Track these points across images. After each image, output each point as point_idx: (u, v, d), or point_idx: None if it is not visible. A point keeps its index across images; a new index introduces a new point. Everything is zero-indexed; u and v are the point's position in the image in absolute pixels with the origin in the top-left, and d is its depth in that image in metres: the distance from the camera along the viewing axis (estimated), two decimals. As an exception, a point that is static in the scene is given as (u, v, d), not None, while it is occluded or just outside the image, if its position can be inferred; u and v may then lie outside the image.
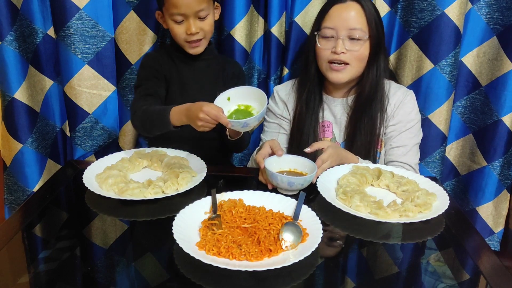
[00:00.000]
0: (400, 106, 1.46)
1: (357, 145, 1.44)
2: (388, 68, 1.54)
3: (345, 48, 1.37)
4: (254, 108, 1.21)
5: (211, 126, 1.14)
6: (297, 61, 1.65)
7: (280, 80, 1.70)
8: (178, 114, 1.19)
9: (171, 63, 1.47)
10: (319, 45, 1.41)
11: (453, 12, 1.50)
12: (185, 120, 1.18)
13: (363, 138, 1.44)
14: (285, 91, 1.55)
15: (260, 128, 1.79)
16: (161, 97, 1.41)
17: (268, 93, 1.70)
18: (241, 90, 1.22)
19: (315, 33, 1.42)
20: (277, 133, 1.56)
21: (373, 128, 1.44)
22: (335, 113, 1.50)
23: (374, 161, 1.45)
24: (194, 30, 1.35)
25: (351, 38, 1.37)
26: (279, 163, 1.26)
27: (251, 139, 1.79)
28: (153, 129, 1.28)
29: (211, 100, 1.36)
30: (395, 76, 1.66)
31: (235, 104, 1.22)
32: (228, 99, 1.21)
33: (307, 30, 1.61)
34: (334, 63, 1.39)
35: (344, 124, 1.49)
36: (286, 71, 1.66)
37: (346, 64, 1.39)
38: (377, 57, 1.43)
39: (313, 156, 1.47)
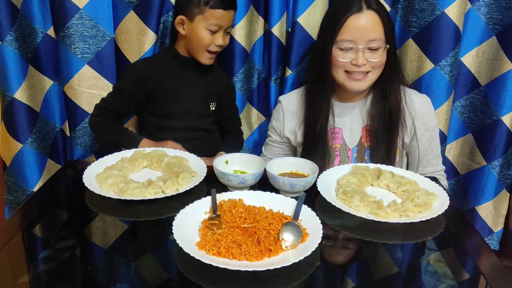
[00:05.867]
0: (426, 114, 1.46)
1: (377, 152, 1.42)
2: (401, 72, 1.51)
3: (366, 59, 1.34)
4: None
5: None
6: (301, 62, 1.64)
7: (281, 81, 1.70)
8: (145, 145, 1.40)
9: (162, 73, 1.51)
10: (338, 59, 1.36)
11: (453, 12, 1.50)
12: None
13: (383, 145, 1.42)
14: (293, 101, 1.51)
15: (261, 132, 1.79)
16: (122, 114, 1.58)
17: (269, 93, 1.70)
18: (240, 156, 1.31)
19: (333, 47, 1.35)
20: (278, 153, 1.57)
21: (394, 135, 1.43)
22: (346, 119, 1.47)
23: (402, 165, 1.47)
24: (224, 42, 1.47)
25: (370, 49, 1.34)
26: (280, 166, 1.26)
27: (253, 139, 1.79)
28: (111, 143, 1.51)
29: (203, 108, 1.56)
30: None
31: (231, 168, 1.28)
32: (226, 162, 1.28)
33: (311, 31, 1.59)
34: (354, 72, 1.36)
35: (355, 129, 1.47)
36: (289, 72, 1.64)
37: (367, 72, 1.37)
38: (394, 63, 1.41)
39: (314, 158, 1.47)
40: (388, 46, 1.35)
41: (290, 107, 1.51)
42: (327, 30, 1.39)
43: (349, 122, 1.47)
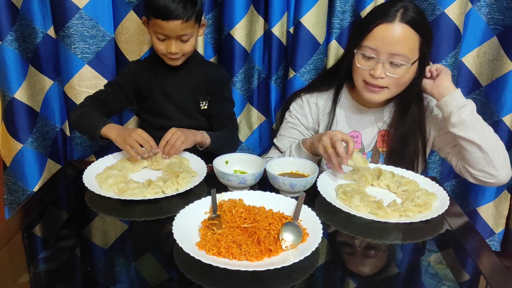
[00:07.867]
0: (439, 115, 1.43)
1: (405, 156, 1.41)
2: None
3: (385, 73, 1.27)
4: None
5: (139, 142, 1.28)
6: (305, 64, 1.61)
7: (282, 81, 1.70)
8: (110, 128, 1.32)
9: (152, 74, 1.51)
10: (358, 64, 1.30)
11: (453, 12, 1.50)
12: (114, 136, 1.31)
13: (409, 151, 1.41)
14: (316, 100, 1.48)
15: (261, 132, 1.79)
16: (111, 107, 1.50)
17: (269, 93, 1.70)
18: (240, 156, 1.31)
19: (355, 51, 1.31)
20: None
21: (422, 140, 1.42)
22: (365, 123, 1.45)
23: (424, 171, 1.48)
24: (174, 50, 1.40)
25: (392, 63, 1.27)
26: (281, 166, 1.26)
27: (253, 139, 1.79)
28: (82, 127, 1.42)
29: (194, 107, 1.54)
30: None
31: (231, 168, 1.28)
32: (226, 162, 1.28)
33: (314, 31, 1.57)
34: (370, 83, 1.31)
35: (372, 134, 1.45)
36: (292, 73, 1.62)
37: (384, 87, 1.31)
38: (422, 76, 1.35)
39: (315, 158, 1.47)
40: (413, 63, 1.28)
41: (312, 104, 1.49)
42: (356, 33, 1.35)
43: (369, 126, 1.45)
